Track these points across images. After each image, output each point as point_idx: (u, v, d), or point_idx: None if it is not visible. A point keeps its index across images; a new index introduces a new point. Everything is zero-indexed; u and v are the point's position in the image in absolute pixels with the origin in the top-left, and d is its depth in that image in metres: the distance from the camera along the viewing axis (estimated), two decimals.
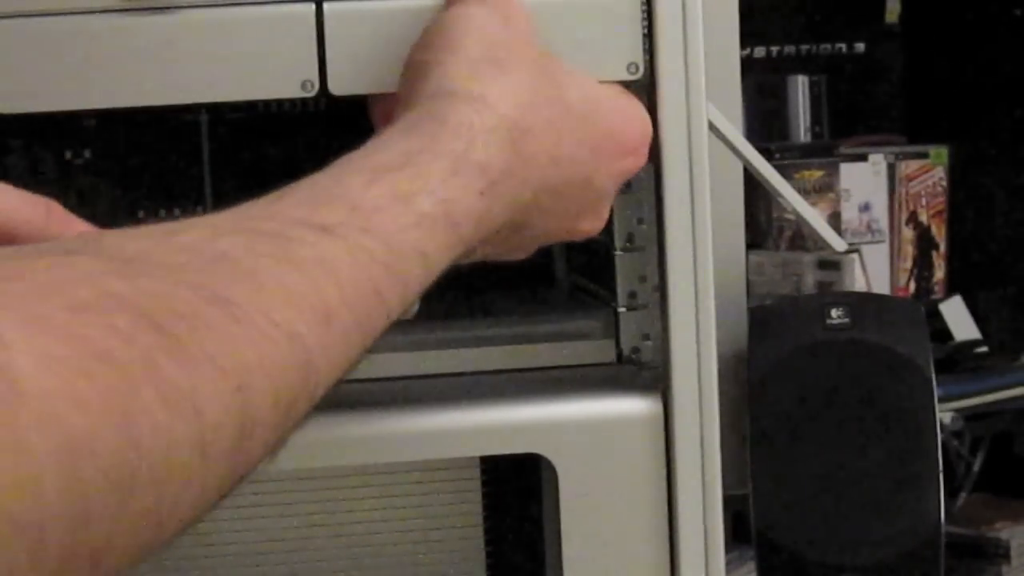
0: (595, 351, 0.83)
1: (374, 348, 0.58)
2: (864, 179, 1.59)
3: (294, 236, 0.54)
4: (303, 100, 0.74)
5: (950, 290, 1.62)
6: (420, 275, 0.59)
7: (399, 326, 0.84)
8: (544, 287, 1.00)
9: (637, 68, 0.75)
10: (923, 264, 1.62)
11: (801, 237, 1.46)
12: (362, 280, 0.55)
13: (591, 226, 0.73)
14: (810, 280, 1.36)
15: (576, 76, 0.71)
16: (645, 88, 0.76)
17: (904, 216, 1.61)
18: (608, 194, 0.73)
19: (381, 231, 0.57)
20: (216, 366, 0.46)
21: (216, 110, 0.92)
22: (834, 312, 0.93)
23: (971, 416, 1.45)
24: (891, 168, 1.60)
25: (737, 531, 1.12)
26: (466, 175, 0.63)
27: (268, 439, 0.49)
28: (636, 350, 0.82)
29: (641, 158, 0.74)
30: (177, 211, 0.90)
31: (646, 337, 0.82)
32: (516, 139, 0.66)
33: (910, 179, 1.61)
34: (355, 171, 0.60)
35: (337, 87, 0.74)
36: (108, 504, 0.42)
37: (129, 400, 0.43)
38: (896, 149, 1.62)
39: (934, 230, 1.62)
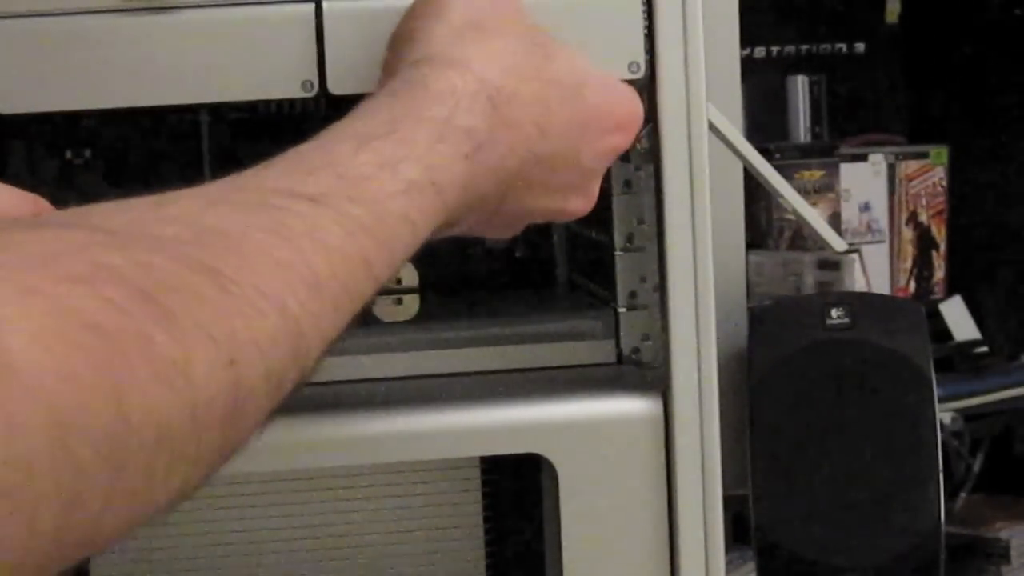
0: (595, 351, 0.83)
1: (375, 349, 0.58)
2: (864, 179, 1.58)
3: (282, 206, 0.53)
4: (303, 100, 0.74)
5: (950, 290, 1.61)
6: (407, 242, 0.59)
7: (400, 327, 0.84)
8: (544, 287, 1.00)
9: (638, 67, 0.75)
10: (923, 264, 1.62)
11: (801, 237, 1.46)
12: (350, 249, 0.55)
13: (579, 206, 0.72)
14: (810, 280, 1.36)
15: (565, 50, 0.70)
16: (645, 88, 0.76)
17: (904, 216, 1.60)
18: (596, 172, 0.72)
19: (368, 199, 0.57)
20: (209, 339, 0.46)
21: (216, 110, 0.92)
22: (834, 312, 0.93)
23: (971, 416, 1.44)
24: (891, 168, 1.60)
25: (737, 531, 1.12)
26: (451, 141, 0.62)
27: (259, 413, 0.49)
28: (636, 350, 0.82)
29: (629, 136, 0.72)
30: None
31: (646, 337, 0.82)
32: (500, 104, 0.65)
33: (910, 179, 1.61)
34: (341, 139, 0.59)
35: (337, 87, 0.74)
36: (100, 478, 0.42)
37: (121, 374, 0.42)
38: (896, 149, 1.61)
39: (934, 230, 1.62)
